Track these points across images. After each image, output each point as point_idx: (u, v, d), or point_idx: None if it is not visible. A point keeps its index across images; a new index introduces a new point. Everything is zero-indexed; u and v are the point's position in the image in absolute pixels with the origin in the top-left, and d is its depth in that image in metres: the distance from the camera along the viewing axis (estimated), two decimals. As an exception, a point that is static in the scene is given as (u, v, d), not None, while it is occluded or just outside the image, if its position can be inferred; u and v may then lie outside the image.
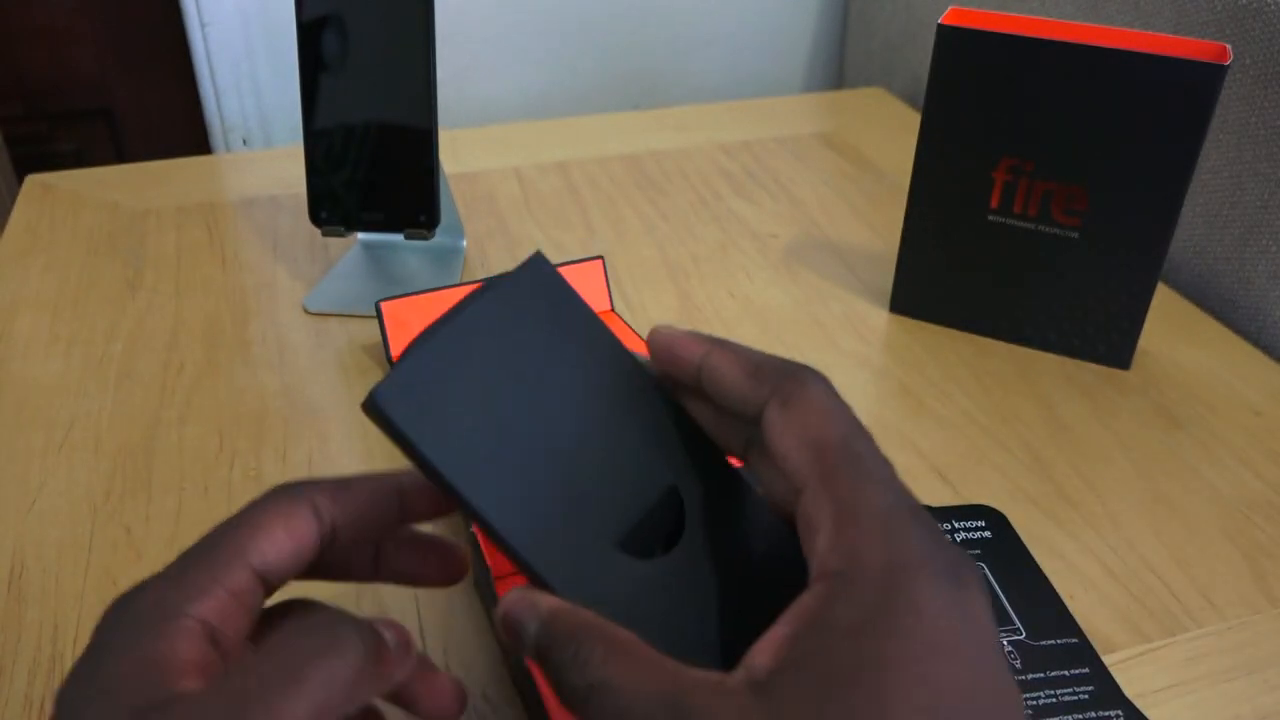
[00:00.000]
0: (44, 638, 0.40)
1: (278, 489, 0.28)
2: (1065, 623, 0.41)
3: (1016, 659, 0.40)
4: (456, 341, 0.27)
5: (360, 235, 0.66)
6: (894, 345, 0.59)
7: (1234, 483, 0.49)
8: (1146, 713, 0.38)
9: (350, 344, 0.59)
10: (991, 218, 0.56)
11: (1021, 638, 0.40)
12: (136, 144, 1.28)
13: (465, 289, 0.55)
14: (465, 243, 0.67)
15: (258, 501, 0.28)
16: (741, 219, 0.72)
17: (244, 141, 0.96)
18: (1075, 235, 0.54)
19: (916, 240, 0.59)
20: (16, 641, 0.40)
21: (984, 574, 0.43)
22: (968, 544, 0.45)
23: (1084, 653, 0.40)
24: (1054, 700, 0.38)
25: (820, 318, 0.61)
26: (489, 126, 0.87)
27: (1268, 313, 0.60)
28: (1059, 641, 0.40)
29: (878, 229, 0.71)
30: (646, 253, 0.68)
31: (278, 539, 0.26)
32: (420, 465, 0.26)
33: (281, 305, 0.62)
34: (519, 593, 0.26)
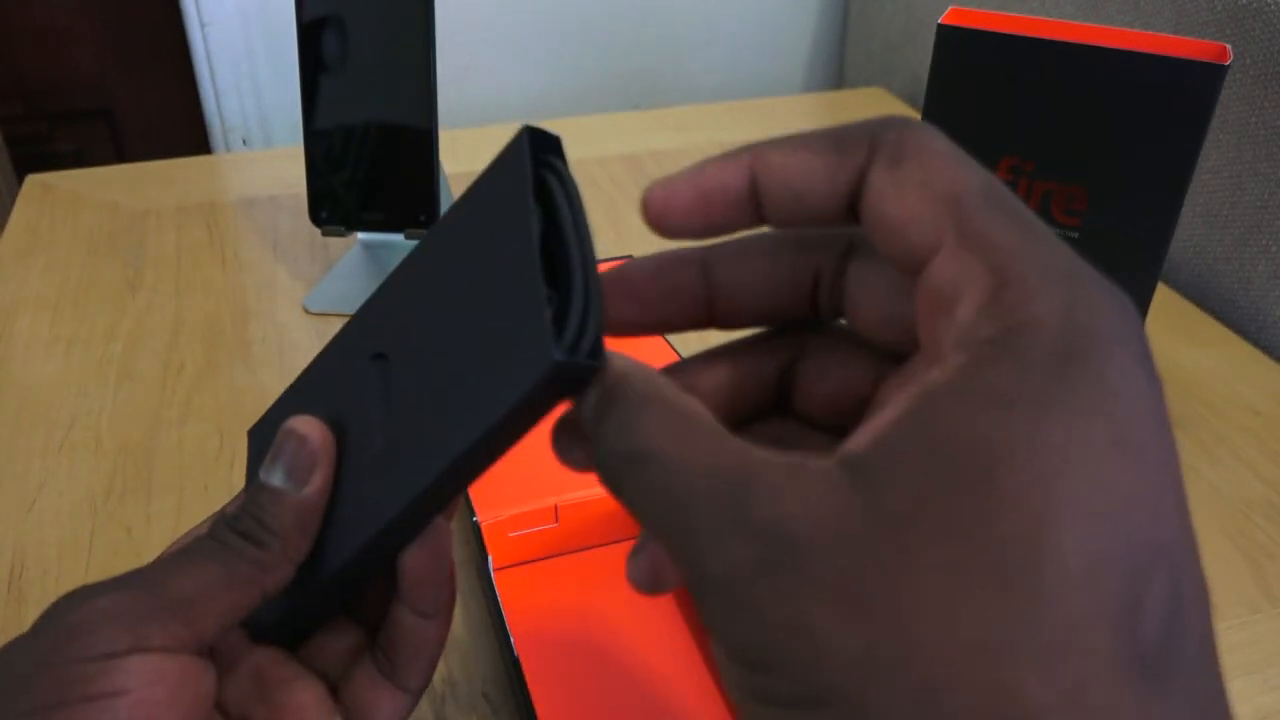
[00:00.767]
0: (44, 638, 0.40)
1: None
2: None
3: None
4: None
5: (360, 235, 0.66)
6: (894, 345, 0.59)
7: (1234, 483, 0.49)
8: (1146, 713, 0.38)
9: (350, 344, 0.59)
10: (991, 218, 0.56)
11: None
12: (136, 144, 1.28)
13: None
14: (465, 243, 0.67)
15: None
16: (741, 219, 0.72)
17: (244, 141, 0.96)
18: (1075, 235, 0.54)
19: (916, 240, 0.59)
20: (16, 641, 0.40)
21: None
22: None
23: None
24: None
25: (820, 318, 0.61)
26: (489, 126, 0.87)
27: (1268, 313, 0.60)
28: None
29: (878, 229, 0.71)
30: (646, 253, 0.68)
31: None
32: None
33: (281, 305, 0.62)
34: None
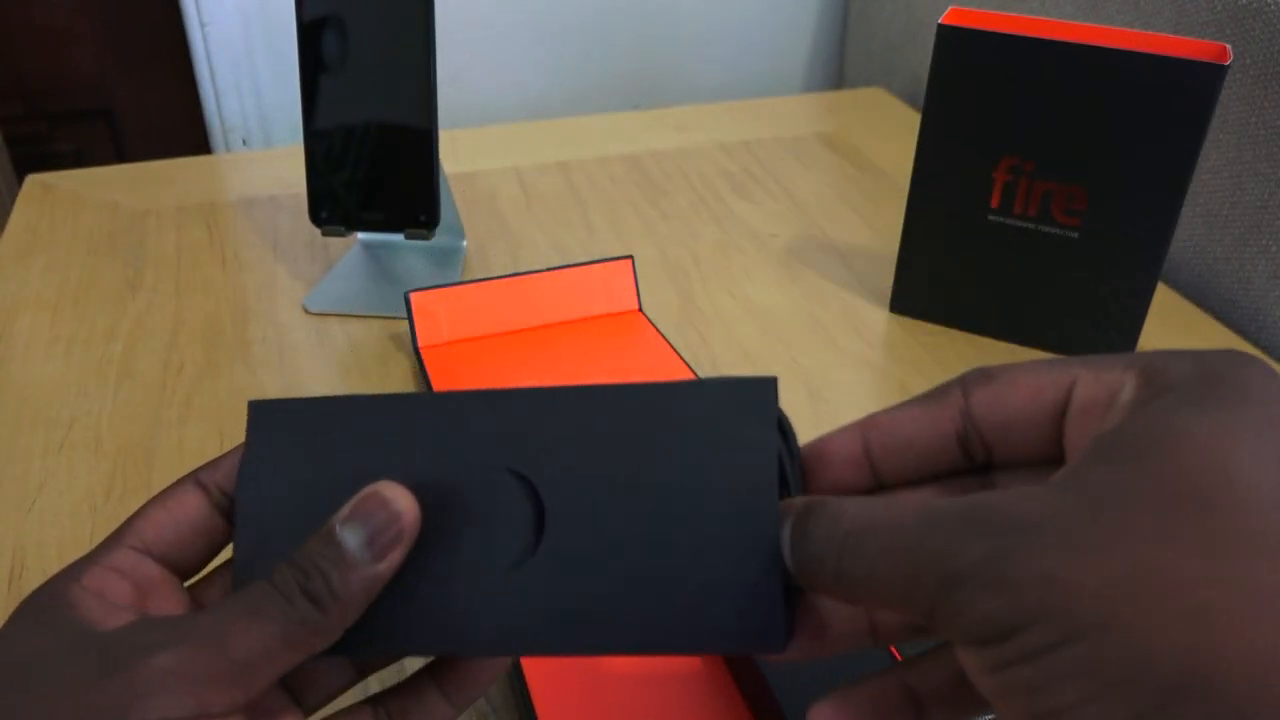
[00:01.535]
0: (44, 638, 0.40)
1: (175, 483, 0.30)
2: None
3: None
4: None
5: (360, 235, 0.66)
6: (894, 345, 0.59)
7: (1234, 483, 0.49)
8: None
9: (350, 344, 0.59)
10: (992, 218, 0.56)
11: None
12: (136, 144, 1.28)
13: (487, 283, 0.55)
14: (465, 243, 0.67)
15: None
16: (741, 219, 0.72)
17: (244, 141, 0.96)
18: (1075, 235, 0.54)
19: (916, 240, 0.59)
20: (16, 641, 0.40)
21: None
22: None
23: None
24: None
25: (820, 318, 0.61)
26: (489, 126, 0.87)
27: (1268, 313, 0.60)
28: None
29: (878, 229, 0.71)
30: (647, 253, 0.68)
31: (155, 518, 0.28)
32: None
33: (281, 305, 0.62)
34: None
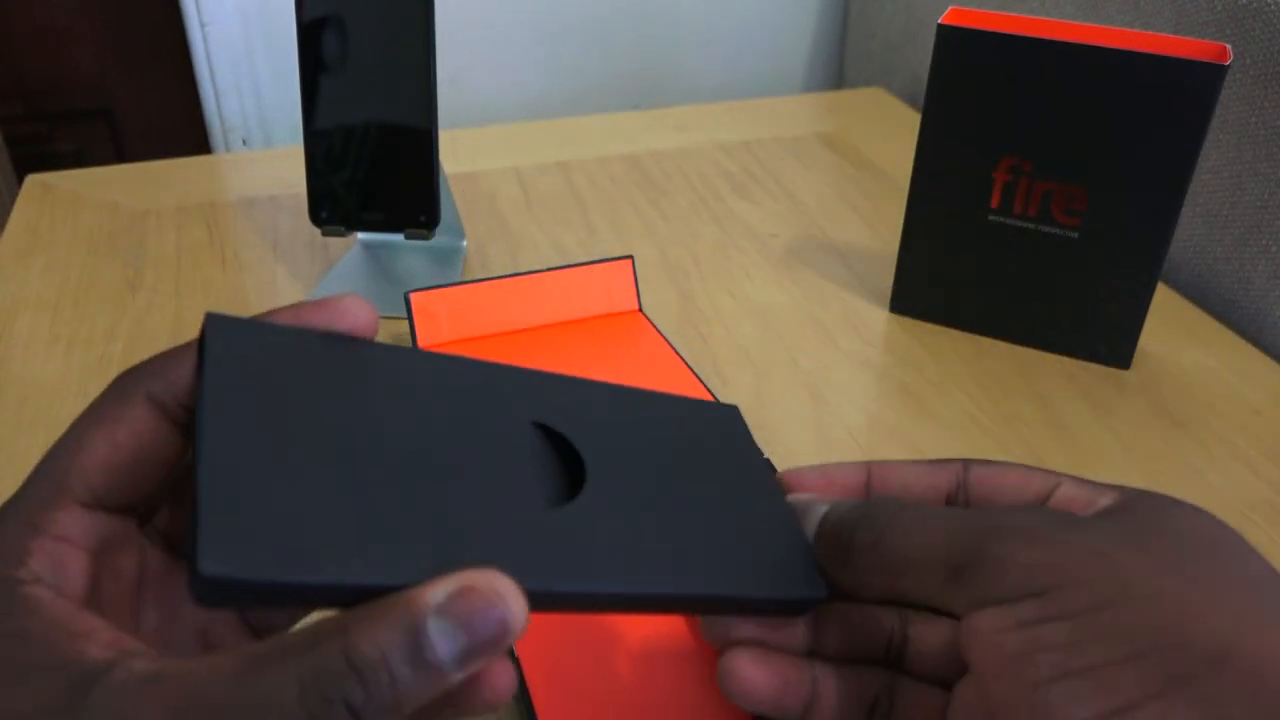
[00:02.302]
0: (44, 638, 0.40)
1: (109, 388, 0.25)
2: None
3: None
4: (230, 450, 0.22)
5: (360, 235, 0.66)
6: (894, 345, 0.59)
7: (1234, 483, 0.49)
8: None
9: (350, 344, 0.58)
10: (991, 218, 0.56)
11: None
12: (136, 144, 1.28)
13: (487, 283, 0.55)
14: (465, 243, 0.67)
15: (88, 409, 0.24)
16: (741, 219, 0.72)
17: (244, 141, 0.96)
18: (1075, 235, 0.54)
19: (916, 240, 0.59)
20: (16, 641, 0.40)
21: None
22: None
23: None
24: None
25: (820, 318, 0.61)
26: (489, 126, 0.87)
27: (1268, 313, 0.60)
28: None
29: (878, 229, 0.71)
30: (646, 253, 0.68)
31: (101, 457, 0.23)
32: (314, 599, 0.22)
33: (281, 305, 0.62)
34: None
